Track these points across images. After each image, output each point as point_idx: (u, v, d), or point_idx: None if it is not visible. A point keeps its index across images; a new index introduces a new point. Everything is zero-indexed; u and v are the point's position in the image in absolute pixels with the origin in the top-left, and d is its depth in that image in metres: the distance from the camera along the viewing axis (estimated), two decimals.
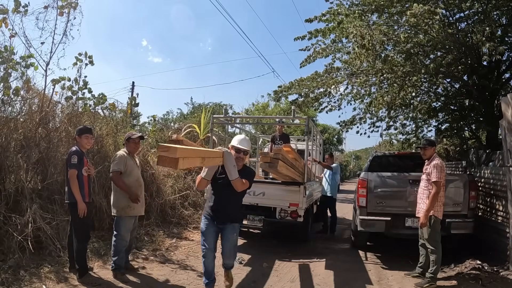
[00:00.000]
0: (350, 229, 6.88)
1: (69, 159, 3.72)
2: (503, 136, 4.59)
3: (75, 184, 3.67)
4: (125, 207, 4.02)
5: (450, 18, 6.17)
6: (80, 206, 3.67)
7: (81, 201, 3.68)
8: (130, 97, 8.69)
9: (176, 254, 5.15)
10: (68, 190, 3.76)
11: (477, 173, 6.09)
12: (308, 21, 7.36)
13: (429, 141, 4.50)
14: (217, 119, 7.07)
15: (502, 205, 4.98)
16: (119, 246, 3.99)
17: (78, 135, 3.90)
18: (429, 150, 4.37)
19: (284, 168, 4.82)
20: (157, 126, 9.50)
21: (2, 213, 3.93)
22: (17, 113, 4.89)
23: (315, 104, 8.46)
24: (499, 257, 4.78)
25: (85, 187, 3.80)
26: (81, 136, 3.87)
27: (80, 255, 3.77)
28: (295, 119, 7.19)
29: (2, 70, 4.47)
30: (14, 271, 3.57)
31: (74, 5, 5.12)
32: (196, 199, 7.56)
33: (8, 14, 4.56)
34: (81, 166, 3.75)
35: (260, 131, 15.81)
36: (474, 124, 8.13)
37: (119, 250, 4.00)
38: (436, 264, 4.07)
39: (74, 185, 3.67)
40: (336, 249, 6.07)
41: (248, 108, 20.78)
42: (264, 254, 5.15)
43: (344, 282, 4.33)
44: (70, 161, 3.70)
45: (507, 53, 6.88)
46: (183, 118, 20.48)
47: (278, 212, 5.51)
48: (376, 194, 5.23)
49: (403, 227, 5.08)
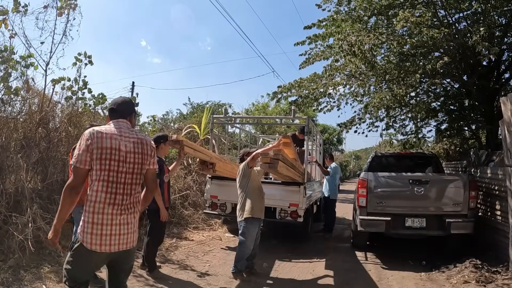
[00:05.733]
0: (350, 229, 6.88)
1: None
2: (503, 136, 4.59)
3: (158, 192, 3.80)
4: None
5: (449, 18, 6.17)
6: (162, 213, 3.91)
7: (163, 208, 3.91)
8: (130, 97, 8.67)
9: (176, 254, 5.15)
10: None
11: (477, 173, 6.09)
12: (307, 28, 7.49)
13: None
14: (217, 119, 7.07)
15: (502, 205, 4.98)
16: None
17: (163, 143, 4.07)
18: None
19: (284, 169, 4.82)
20: (156, 126, 9.49)
21: (3, 213, 3.93)
22: (17, 113, 4.89)
23: (314, 104, 8.47)
24: (499, 257, 4.78)
25: (165, 194, 4.01)
26: (165, 143, 4.07)
27: (152, 255, 4.09)
28: (295, 119, 7.20)
29: (2, 70, 4.47)
30: (14, 271, 3.57)
31: (73, 6, 5.13)
32: (196, 199, 7.55)
33: (8, 14, 4.56)
34: (162, 174, 3.95)
35: (260, 131, 15.80)
36: (474, 124, 8.14)
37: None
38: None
39: (157, 193, 3.80)
40: (336, 249, 6.07)
41: (248, 108, 20.75)
42: (264, 254, 5.15)
43: (344, 282, 4.33)
44: None
45: (507, 53, 6.89)
46: (183, 118, 20.48)
47: (278, 212, 5.51)
48: (376, 194, 5.23)
49: (403, 227, 5.08)
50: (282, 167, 4.46)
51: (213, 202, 5.89)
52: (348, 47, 5.66)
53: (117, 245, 2.04)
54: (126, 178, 2.08)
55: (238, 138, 9.33)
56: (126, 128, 2.16)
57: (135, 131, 2.21)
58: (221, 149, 7.60)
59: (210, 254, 5.33)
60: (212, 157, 5.24)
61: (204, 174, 6.61)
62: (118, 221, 2.04)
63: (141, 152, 2.14)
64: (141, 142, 2.16)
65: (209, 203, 5.95)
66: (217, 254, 5.38)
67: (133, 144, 2.12)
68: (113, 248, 2.02)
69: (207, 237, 6.33)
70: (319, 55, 7.80)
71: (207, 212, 6.10)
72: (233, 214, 5.55)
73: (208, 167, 5.16)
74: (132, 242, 2.12)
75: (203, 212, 6.60)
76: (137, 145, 2.13)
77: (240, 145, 8.80)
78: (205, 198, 6.19)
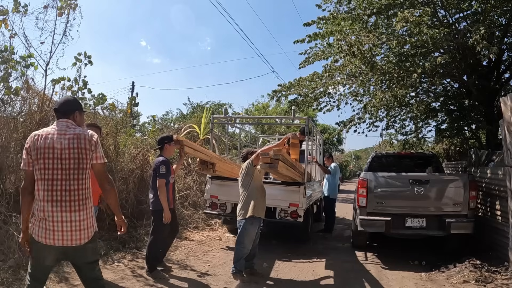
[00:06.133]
0: (350, 229, 6.88)
1: (158, 169, 3.91)
2: (503, 136, 4.59)
3: (163, 193, 3.89)
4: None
5: (449, 18, 6.18)
6: (166, 215, 3.92)
7: (167, 210, 3.93)
8: (130, 97, 8.68)
9: (176, 254, 5.15)
10: (153, 197, 3.97)
11: (477, 173, 6.09)
12: (306, 25, 7.46)
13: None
14: (217, 119, 7.07)
15: (502, 205, 4.98)
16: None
17: (168, 143, 4.06)
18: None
19: (284, 169, 4.82)
20: (156, 126, 9.49)
21: (3, 213, 3.93)
22: (17, 113, 4.89)
23: (314, 103, 8.48)
24: (499, 257, 4.78)
25: (169, 194, 4.01)
26: (170, 143, 4.06)
27: (153, 256, 4.09)
28: (295, 119, 7.20)
29: (2, 70, 4.47)
30: (14, 271, 3.56)
31: (74, 6, 5.13)
32: (196, 199, 7.56)
33: (8, 14, 4.56)
34: (169, 175, 3.96)
35: (260, 131, 15.80)
36: (474, 124, 8.14)
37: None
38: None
39: (163, 194, 3.88)
40: (336, 249, 6.07)
41: (248, 108, 20.75)
42: (264, 254, 5.14)
43: (344, 282, 4.33)
44: (159, 170, 3.89)
45: (507, 53, 6.89)
46: (183, 118, 20.49)
47: (278, 212, 5.51)
48: (376, 194, 5.23)
49: (403, 227, 5.09)
50: (282, 167, 4.46)
51: (213, 202, 5.89)
52: (348, 47, 5.67)
53: (61, 240, 2.11)
54: (63, 174, 2.14)
55: (238, 138, 9.34)
56: (65, 126, 2.23)
57: (76, 127, 2.26)
58: (221, 149, 7.61)
59: (210, 254, 5.33)
60: (212, 157, 5.24)
61: (204, 174, 6.61)
62: (60, 218, 2.10)
63: (77, 147, 2.18)
64: (78, 138, 2.20)
65: (209, 203, 5.95)
66: (217, 254, 5.38)
67: (68, 141, 2.17)
68: (57, 243, 2.11)
69: (207, 237, 6.33)
70: (319, 54, 7.79)
71: (207, 212, 6.10)
72: (233, 214, 5.55)
73: (208, 167, 5.17)
74: (79, 239, 2.14)
75: (203, 212, 6.60)
76: (72, 140, 2.18)
77: (240, 145, 8.80)
78: (205, 198, 6.19)
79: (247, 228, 4.11)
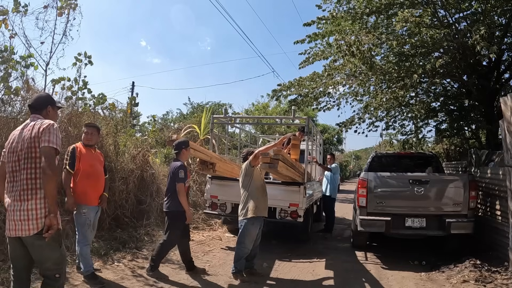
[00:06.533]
0: (350, 229, 6.88)
1: (177, 173, 4.00)
2: (503, 136, 4.59)
3: (184, 196, 4.01)
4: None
5: (449, 18, 6.17)
6: (188, 215, 4.05)
7: (188, 211, 4.06)
8: (130, 97, 8.67)
9: (176, 254, 5.12)
10: (172, 200, 4.05)
11: (477, 173, 6.09)
12: (306, 25, 7.46)
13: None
14: (217, 119, 7.07)
15: (502, 205, 4.98)
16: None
17: (185, 148, 4.15)
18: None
19: (284, 169, 4.82)
20: (156, 126, 9.49)
21: (3, 213, 3.92)
22: (17, 113, 4.89)
23: (313, 103, 8.47)
24: (499, 257, 4.78)
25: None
26: (186, 149, 4.16)
27: (162, 255, 4.16)
28: (295, 119, 7.20)
29: (2, 70, 4.47)
30: None
31: (74, 6, 5.13)
32: (196, 199, 7.56)
33: (8, 14, 4.56)
34: (186, 179, 4.05)
35: (260, 131, 15.80)
36: (474, 124, 8.14)
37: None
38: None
39: (183, 198, 4.00)
40: (336, 249, 6.07)
41: (248, 108, 20.74)
42: (264, 254, 5.14)
43: (344, 282, 4.33)
44: (178, 175, 3.98)
45: (507, 53, 6.89)
46: (183, 118, 20.49)
47: (278, 212, 5.51)
48: (376, 194, 5.23)
49: (403, 227, 5.09)
50: (282, 167, 4.46)
51: (213, 202, 5.89)
52: (347, 47, 5.66)
53: (14, 230, 2.15)
54: (15, 166, 2.21)
55: (238, 138, 9.34)
56: (32, 121, 2.27)
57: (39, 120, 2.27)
58: (221, 149, 7.61)
59: (210, 254, 5.33)
60: (212, 157, 5.24)
61: (204, 174, 6.61)
62: (13, 207, 2.16)
63: (28, 136, 2.20)
64: (32, 127, 2.22)
65: (209, 203, 5.95)
66: (217, 254, 5.38)
67: (25, 133, 2.22)
68: (12, 233, 2.16)
69: (207, 237, 6.33)
70: (319, 54, 7.79)
71: (207, 212, 6.10)
72: (233, 214, 5.55)
73: (208, 167, 5.17)
74: (27, 230, 2.13)
75: (203, 212, 6.60)
76: (27, 132, 2.21)
77: (240, 145, 8.80)
78: (205, 198, 6.19)
79: (248, 228, 4.11)
